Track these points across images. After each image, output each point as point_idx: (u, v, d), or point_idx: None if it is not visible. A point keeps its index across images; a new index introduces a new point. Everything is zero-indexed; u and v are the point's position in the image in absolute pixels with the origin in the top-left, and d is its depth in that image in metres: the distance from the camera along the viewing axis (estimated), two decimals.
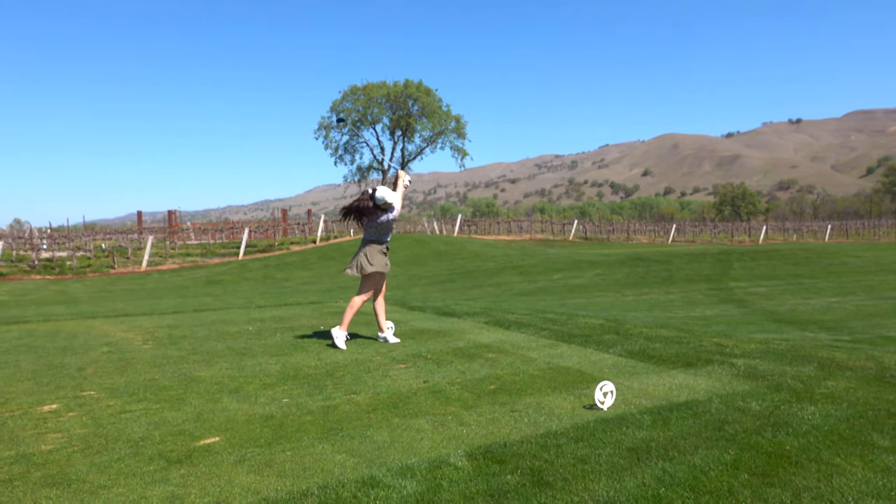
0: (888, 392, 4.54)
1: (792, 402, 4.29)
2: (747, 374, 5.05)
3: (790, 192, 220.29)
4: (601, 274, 24.20)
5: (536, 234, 56.95)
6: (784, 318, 12.44)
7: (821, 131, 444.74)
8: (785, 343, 6.68)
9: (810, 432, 3.70)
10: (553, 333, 7.21)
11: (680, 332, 7.44)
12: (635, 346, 6.30)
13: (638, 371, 5.29)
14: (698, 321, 11.58)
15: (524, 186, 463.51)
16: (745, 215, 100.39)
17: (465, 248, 36.17)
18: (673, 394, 4.54)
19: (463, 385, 4.89)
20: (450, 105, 62.70)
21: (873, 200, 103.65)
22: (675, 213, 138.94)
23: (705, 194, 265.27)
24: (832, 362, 5.47)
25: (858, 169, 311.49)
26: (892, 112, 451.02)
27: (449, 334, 7.28)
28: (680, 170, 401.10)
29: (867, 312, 13.11)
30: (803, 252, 30.14)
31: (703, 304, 15.71)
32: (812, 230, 62.85)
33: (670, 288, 20.24)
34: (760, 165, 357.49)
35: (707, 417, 3.96)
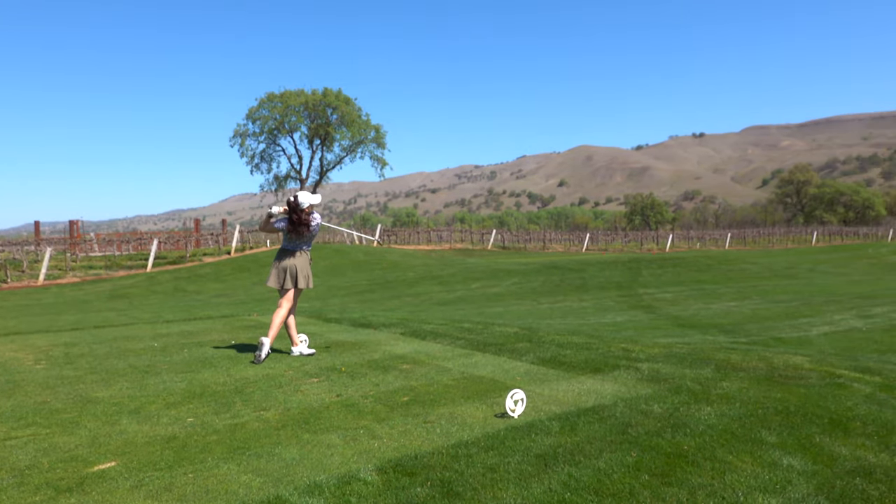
0: (776, 391, 4.85)
1: (690, 403, 4.51)
2: (651, 378, 5.27)
3: (694, 203, 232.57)
4: (518, 282, 24.68)
5: (456, 243, 57.46)
6: (687, 323, 13.09)
7: (721, 145, 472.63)
8: (686, 347, 7.02)
9: (706, 432, 3.90)
10: (469, 343, 7.27)
11: (590, 338, 7.68)
12: (547, 353, 6.45)
13: (549, 378, 5.42)
14: (609, 327, 12.01)
15: (444, 196, 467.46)
16: (654, 224, 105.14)
17: (384, 258, 36.02)
18: (581, 399, 4.67)
19: (376, 397, 4.85)
20: (369, 114, 62.47)
21: (768, 210, 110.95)
22: (589, 222, 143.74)
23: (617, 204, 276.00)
24: (728, 364, 5.80)
25: (755, 181, 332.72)
26: (784, 128, 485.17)
27: (365, 346, 7.22)
28: (594, 180, 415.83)
29: (762, 316, 13.98)
30: (706, 259, 31.83)
31: (614, 311, 16.29)
32: (714, 238, 66.49)
33: (584, 295, 20.89)
34: (668, 177, 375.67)
35: (612, 421, 4.10)
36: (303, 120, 60.61)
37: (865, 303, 15.50)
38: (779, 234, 69.07)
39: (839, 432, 3.97)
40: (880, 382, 5.22)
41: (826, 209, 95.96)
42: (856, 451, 3.67)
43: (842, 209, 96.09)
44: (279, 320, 6.54)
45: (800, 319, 12.91)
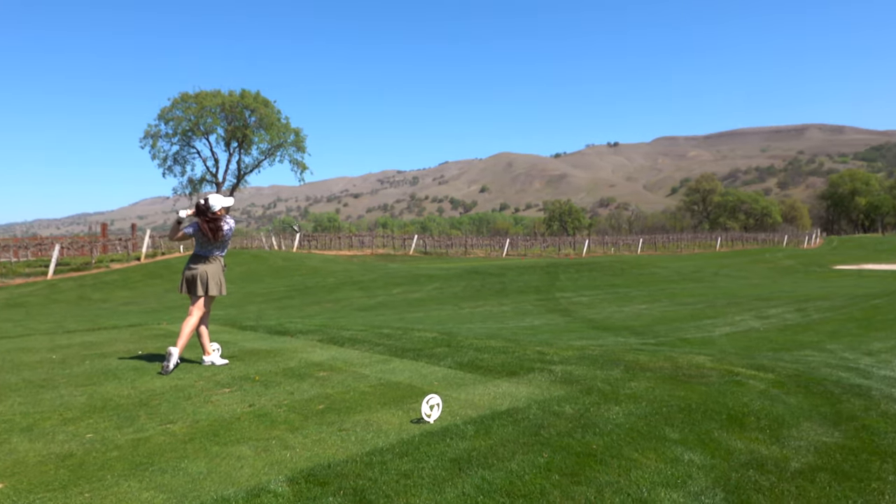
0: (680, 389, 5.09)
1: (600, 403, 4.66)
2: (564, 380, 5.41)
3: (610, 209, 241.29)
4: (439, 287, 24.81)
5: (378, 248, 57.16)
6: (601, 325, 13.53)
7: (634, 154, 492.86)
8: (599, 349, 7.25)
9: (614, 431, 4.04)
10: (387, 349, 7.24)
11: (508, 342, 7.80)
12: (465, 357, 6.51)
13: (466, 382, 5.47)
14: (527, 331, 12.24)
15: (367, 201, 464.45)
16: (572, 230, 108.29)
17: (304, 263, 35.38)
18: (496, 402, 4.74)
19: (291, 406, 4.75)
20: (289, 117, 61.23)
21: (677, 217, 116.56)
22: (509, 227, 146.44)
23: (537, 210, 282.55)
24: (637, 365, 6.03)
25: (665, 189, 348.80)
26: (691, 139, 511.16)
27: (280, 354, 7.05)
28: (514, 187, 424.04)
29: (670, 317, 14.65)
30: (619, 264, 33.06)
31: (532, 315, 16.64)
32: (627, 244, 69.15)
33: (503, 300, 21.24)
34: (584, 184, 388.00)
35: (525, 423, 4.18)
36: (219, 122, 58.64)
37: (763, 304, 16.52)
38: (686, 240, 72.60)
39: (736, 427, 4.20)
40: (773, 379, 5.57)
41: (729, 216, 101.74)
42: (750, 445, 3.89)
43: (743, 216, 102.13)
44: (189, 329, 6.30)
45: (704, 321, 13.60)
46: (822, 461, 3.70)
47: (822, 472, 3.55)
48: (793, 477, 3.47)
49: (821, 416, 4.54)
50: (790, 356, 7.90)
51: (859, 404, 4.85)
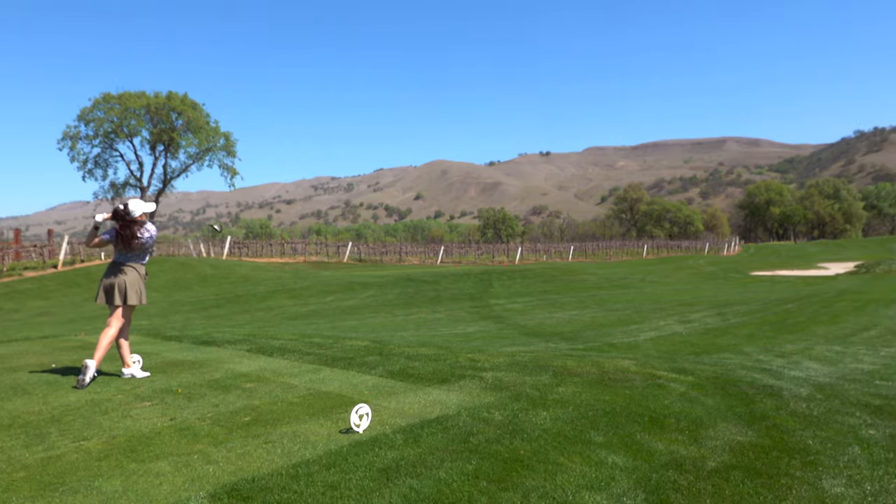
0: (605, 393, 5.23)
1: (529, 409, 4.72)
2: (494, 386, 5.46)
3: (542, 217, 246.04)
4: (374, 295, 24.66)
5: (311, 256, 56.29)
6: (533, 332, 13.76)
7: (566, 163, 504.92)
8: (529, 355, 7.37)
9: (541, 436, 4.10)
10: (318, 358, 7.13)
11: (440, 349, 7.82)
12: (396, 366, 6.48)
13: (396, 391, 5.44)
14: (460, 338, 12.31)
15: (300, 208, 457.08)
16: (506, 237, 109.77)
17: (234, 271, 34.46)
18: (427, 410, 4.73)
19: (215, 419, 4.60)
20: (219, 121, 59.59)
21: (606, 225, 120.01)
22: (444, 235, 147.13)
23: (471, 217, 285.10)
24: (565, 370, 6.16)
25: (595, 197, 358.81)
26: (619, 149, 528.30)
27: (206, 365, 6.83)
28: (449, 194, 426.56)
29: (599, 323, 15.04)
30: (551, 271, 33.72)
31: (465, 322, 16.75)
32: (559, 251, 70.67)
33: (437, 307, 21.29)
34: (518, 192, 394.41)
35: (455, 431, 4.19)
36: (144, 124, 56.45)
37: (686, 309, 17.18)
38: (615, 247, 74.83)
39: (657, 429, 4.35)
40: (693, 382, 5.80)
41: (655, 224, 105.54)
42: (670, 446, 4.03)
43: (668, 224, 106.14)
44: (107, 340, 6.02)
45: (631, 326, 14.04)
46: (736, 460, 3.87)
47: (737, 470, 3.71)
48: (709, 476, 3.61)
49: (736, 416, 4.75)
50: (710, 359, 8.25)
51: (771, 404, 5.10)
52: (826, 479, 3.65)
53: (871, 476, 3.72)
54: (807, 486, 3.53)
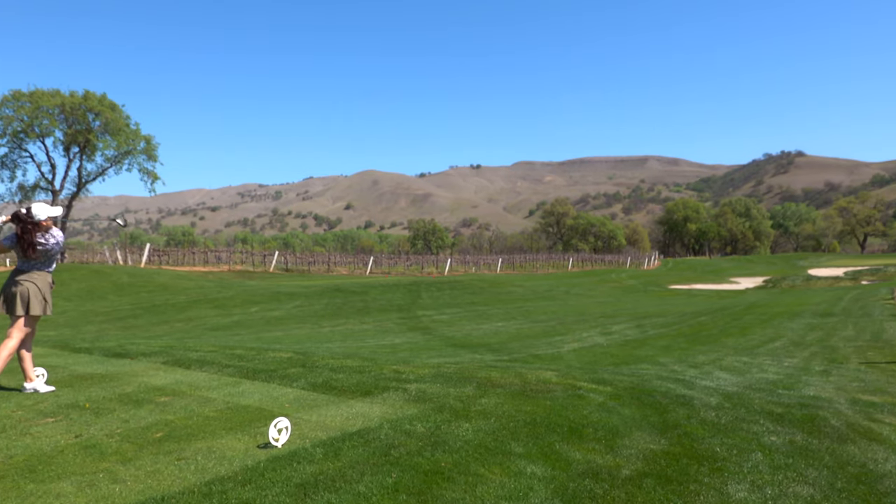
0: (527, 404, 5.31)
1: (451, 421, 4.74)
2: (417, 398, 5.45)
3: (472, 229, 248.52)
4: (300, 305, 24.21)
5: (236, 265, 54.74)
6: (460, 343, 13.84)
7: (495, 177, 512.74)
8: (454, 366, 7.40)
9: (463, 448, 4.12)
10: (238, 370, 6.92)
11: (365, 361, 7.75)
12: (319, 378, 6.37)
13: (319, 403, 5.35)
14: (386, 349, 12.25)
15: (226, 215, 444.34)
16: (435, 249, 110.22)
17: (153, 279, 33.06)
18: (349, 423, 4.67)
19: (124, 436, 4.39)
20: (139, 123, 57.19)
21: (533, 238, 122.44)
22: (374, 245, 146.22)
23: (401, 228, 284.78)
24: (488, 381, 6.22)
25: (523, 210, 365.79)
26: (547, 164, 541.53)
27: (117, 378, 6.51)
28: (380, 205, 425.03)
29: (524, 334, 15.30)
30: (479, 283, 34.07)
31: (393, 333, 16.68)
32: (487, 263, 71.51)
33: (365, 318, 21.12)
34: (448, 204, 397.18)
35: (376, 444, 4.16)
36: (57, 124, 53.47)
37: (608, 321, 17.72)
38: (542, 260, 76.40)
39: (575, 439, 4.45)
40: (611, 392, 5.97)
41: (580, 238, 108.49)
42: (587, 455, 4.13)
43: (592, 239, 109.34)
44: (7, 352, 5.64)
45: (555, 337, 14.35)
46: (649, 467, 4.01)
47: (649, 477, 3.84)
48: (623, 484, 3.72)
49: (650, 425, 4.92)
50: (628, 370, 8.53)
51: (683, 413, 5.32)
52: (731, 484, 3.83)
53: (771, 481, 3.93)
54: (713, 492, 3.69)
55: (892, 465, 4.36)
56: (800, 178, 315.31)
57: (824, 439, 4.85)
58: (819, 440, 4.82)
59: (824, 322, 15.31)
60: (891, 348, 10.77)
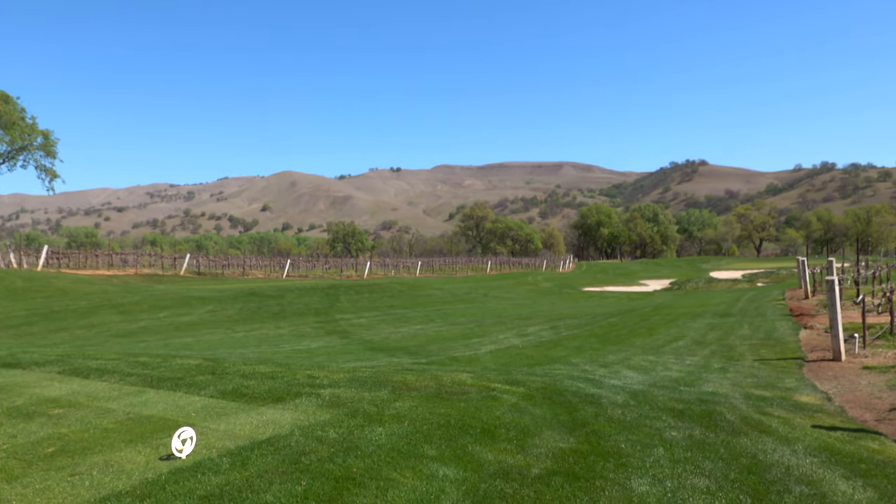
0: (441, 407, 5.34)
1: (365, 425, 4.70)
2: (331, 403, 5.38)
3: (392, 232, 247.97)
4: (213, 310, 23.37)
5: (144, 268, 52.21)
6: (378, 346, 13.76)
7: (415, 180, 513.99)
8: (370, 370, 7.35)
9: (376, 452, 4.10)
10: (142, 379, 6.60)
11: (278, 367, 7.57)
12: (229, 385, 6.17)
13: (228, 411, 5.18)
14: (302, 354, 12.01)
15: (133, 216, 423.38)
16: (355, 252, 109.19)
17: (51, 284, 31.04)
18: (258, 431, 4.55)
19: (11, 452, 4.09)
20: (36, 117, 53.65)
21: (453, 241, 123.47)
22: (292, 248, 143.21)
23: (320, 231, 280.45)
24: (404, 385, 6.21)
25: (443, 214, 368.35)
26: (467, 168, 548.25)
27: (6, 390, 6.07)
28: (298, 207, 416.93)
29: (443, 337, 15.38)
30: (399, 285, 34.01)
31: (310, 337, 16.38)
32: (407, 266, 71.46)
33: (281, 322, 20.64)
34: (368, 206, 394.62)
35: (287, 451, 4.07)
36: None
37: (524, 323, 18.08)
38: (461, 263, 77.13)
39: (488, 440, 4.51)
40: (523, 392, 6.09)
41: (499, 242, 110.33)
42: (499, 456, 4.20)
43: (510, 242, 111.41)
44: None
45: (473, 339, 14.50)
46: (558, 465, 4.12)
47: (558, 475, 3.95)
48: (533, 482, 3.80)
49: (560, 424, 5.06)
50: (542, 370, 8.72)
51: (591, 411, 5.50)
52: (634, 478, 3.99)
53: (671, 474, 4.12)
54: (617, 487, 3.83)
55: (779, 455, 4.67)
56: (703, 186, 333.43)
57: (720, 433, 5.13)
58: (715, 434, 5.10)
59: (723, 322, 16.22)
60: (781, 346, 11.53)
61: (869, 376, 8.23)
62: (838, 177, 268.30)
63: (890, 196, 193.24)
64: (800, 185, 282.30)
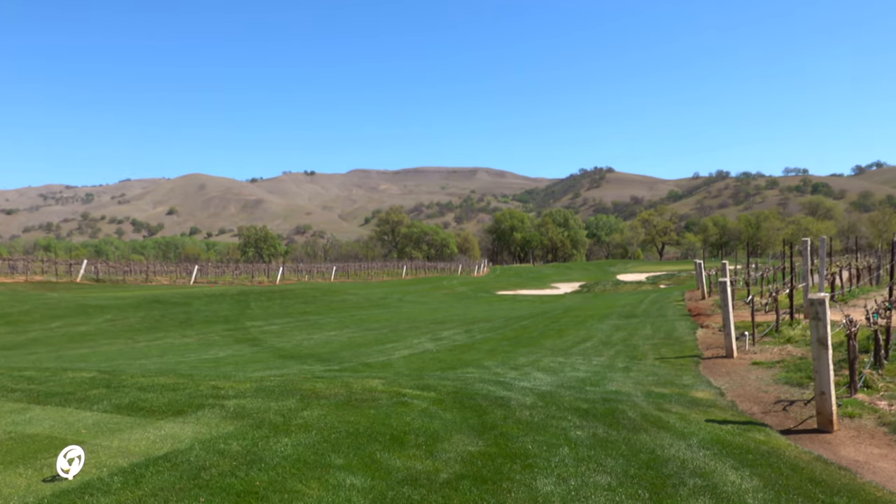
0: (351, 414, 5.27)
1: (270, 436, 4.57)
2: (235, 415, 5.19)
3: (306, 237, 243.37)
4: (112, 319, 22.13)
5: (35, 275, 48.73)
6: (289, 354, 13.44)
7: (330, 184, 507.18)
8: (279, 379, 7.16)
9: (281, 464, 3.98)
10: (26, 394, 6.14)
11: (181, 378, 7.24)
12: (126, 399, 5.85)
13: (122, 427, 4.90)
14: (209, 363, 11.56)
15: (24, 219, 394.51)
16: (268, 257, 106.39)
17: None
18: (155, 447, 4.33)
19: None
20: None
21: (369, 246, 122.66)
22: (201, 253, 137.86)
23: (231, 235, 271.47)
24: (313, 393, 6.08)
25: (359, 219, 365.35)
26: (382, 173, 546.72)
27: None
28: (207, 210, 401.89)
29: (357, 343, 15.22)
30: (312, 291, 33.42)
31: (218, 346, 15.80)
32: (321, 271, 70.29)
33: (187, 331, 19.81)
34: (281, 210, 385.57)
35: (185, 467, 3.89)
36: None
37: (438, 327, 18.18)
38: (377, 268, 76.69)
39: (397, 446, 4.49)
40: (434, 397, 6.11)
41: (414, 246, 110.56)
42: (407, 462, 4.18)
43: (426, 247, 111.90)
44: None
45: (387, 345, 14.42)
46: (466, 469, 4.15)
47: (466, 479, 3.97)
48: (441, 487, 3.81)
49: (469, 427, 5.10)
50: (454, 374, 8.79)
51: (500, 414, 5.58)
52: (540, 479, 4.08)
53: (575, 472, 4.24)
54: (523, 488, 3.90)
55: (675, 450, 4.90)
56: (610, 192, 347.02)
57: (622, 430, 5.33)
58: (617, 431, 5.29)
59: (628, 323, 16.92)
60: (680, 345, 12.15)
61: (757, 371, 8.80)
62: (732, 184, 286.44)
63: (777, 202, 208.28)
64: (698, 192, 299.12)
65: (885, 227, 76.12)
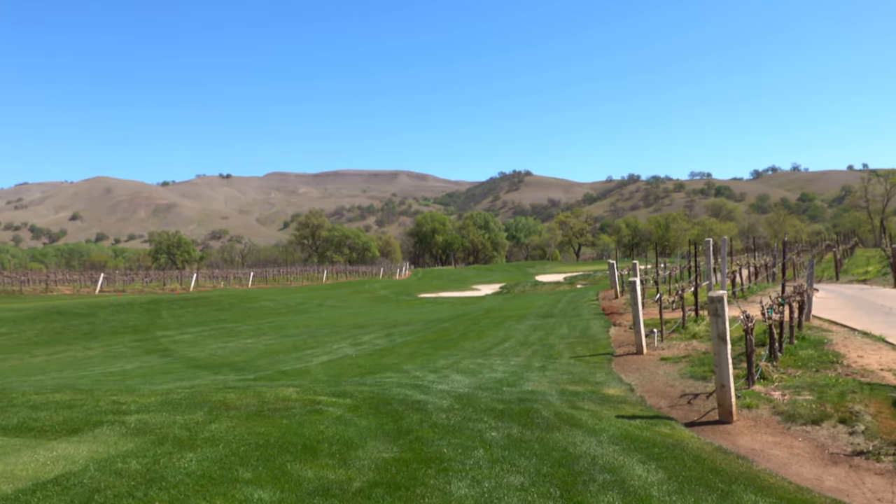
0: (262, 425, 5.10)
1: (174, 452, 4.35)
2: (137, 431, 4.92)
3: (222, 242, 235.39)
4: (6, 333, 20.63)
5: None
6: (202, 364, 12.93)
7: (247, 187, 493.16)
8: (187, 390, 6.85)
9: (184, 481, 3.80)
10: None
11: (79, 394, 6.81)
12: (14, 418, 5.43)
13: (8, 450, 4.54)
14: (113, 377, 10.96)
15: None
16: (181, 263, 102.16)
17: None
18: (45, 470, 4.03)
19: None
20: None
21: (288, 250, 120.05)
22: (108, 260, 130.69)
23: (141, 241, 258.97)
24: (223, 404, 5.86)
25: (277, 223, 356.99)
26: (301, 176, 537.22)
27: None
28: (114, 215, 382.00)
29: (274, 350, 14.83)
30: (228, 298, 32.35)
31: (125, 358, 15.03)
32: (238, 277, 68.15)
33: (91, 343, 18.74)
34: (195, 215, 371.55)
35: (77, 490, 3.64)
36: None
37: (359, 332, 17.98)
38: (296, 273, 75.14)
39: (309, 456, 4.37)
40: (350, 404, 6.01)
41: (335, 250, 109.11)
42: (320, 472, 4.09)
43: (347, 250, 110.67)
44: None
45: (305, 351, 14.13)
46: (380, 476, 4.09)
47: (380, 486, 3.92)
48: (354, 496, 3.74)
49: (385, 433, 5.05)
50: (372, 379, 8.69)
51: (416, 418, 5.55)
52: (454, 482, 4.07)
53: (489, 474, 4.26)
54: (437, 492, 3.89)
55: (586, 446, 5.02)
56: (528, 195, 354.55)
57: (536, 430, 5.42)
58: (531, 431, 5.37)
59: (545, 322, 17.29)
60: (594, 343, 12.52)
61: (665, 367, 9.18)
62: (643, 187, 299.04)
63: (684, 204, 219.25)
64: (611, 195, 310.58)
65: (780, 227, 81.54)
